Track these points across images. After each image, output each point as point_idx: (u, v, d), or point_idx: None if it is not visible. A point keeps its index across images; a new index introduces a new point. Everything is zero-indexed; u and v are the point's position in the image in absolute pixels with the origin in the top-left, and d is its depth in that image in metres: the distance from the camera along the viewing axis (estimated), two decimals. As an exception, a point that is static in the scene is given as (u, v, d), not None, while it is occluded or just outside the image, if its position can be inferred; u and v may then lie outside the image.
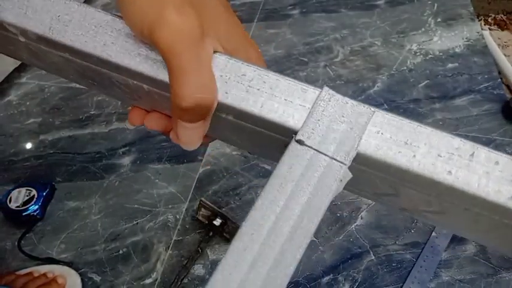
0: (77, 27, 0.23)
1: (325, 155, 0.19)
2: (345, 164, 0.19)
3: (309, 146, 0.20)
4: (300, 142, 0.20)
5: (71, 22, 0.23)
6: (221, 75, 0.21)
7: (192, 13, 0.20)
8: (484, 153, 0.19)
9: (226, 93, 0.21)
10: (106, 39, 0.23)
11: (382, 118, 0.20)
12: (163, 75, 0.21)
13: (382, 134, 0.20)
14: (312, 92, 0.21)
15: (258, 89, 0.21)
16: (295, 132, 0.20)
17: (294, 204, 0.19)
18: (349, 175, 0.20)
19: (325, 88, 0.21)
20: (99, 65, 0.23)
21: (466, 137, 0.19)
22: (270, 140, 0.22)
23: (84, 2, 1.01)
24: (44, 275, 0.62)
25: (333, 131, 0.20)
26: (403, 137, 0.19)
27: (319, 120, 0.20)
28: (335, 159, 0.19)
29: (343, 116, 0.20)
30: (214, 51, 0.22)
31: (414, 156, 0.19)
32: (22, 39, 0.24)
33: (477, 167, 0.18)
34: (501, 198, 0.18)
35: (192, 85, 0.20)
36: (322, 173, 0.19)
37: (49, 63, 0.27)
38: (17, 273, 0.63)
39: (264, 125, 0.21)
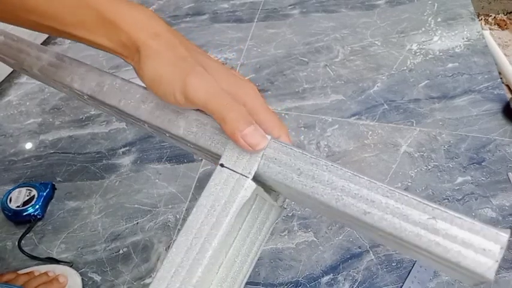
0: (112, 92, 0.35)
1: (236, 172, 0.28)
2: (248, 177, 0.28)
3: (227, 167, 0.29)
4: (221, 165, 0.29)
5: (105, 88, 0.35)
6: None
7: (204, 72, 0.28)
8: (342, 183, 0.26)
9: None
10: (129, 97, 0.34)
11: (276, 144, 0.28)
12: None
13: (276, 159, 0.28)
14: None
15: (203, 125, 0.31)
16: (220, 156, 0.29)
17: (216, 205, 0.28)
18: (253, 185, 0.28)
19: None
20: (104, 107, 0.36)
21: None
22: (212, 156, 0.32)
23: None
24: (45, 273, 0.62)
25: (243, 156, 0.29)
26: (291, 162, 0.27)
27: (232, 148, 0.29)
28: (242, 175, 0.28)
29: None
30: None
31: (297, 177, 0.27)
32: (85, 97, 0.37)
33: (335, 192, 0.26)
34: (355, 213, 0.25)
35: (234, 112, 0.28)
36: (234, 183, 0.28)
37: (104, 110, 0.39)
38: (18, 272, 0.63)
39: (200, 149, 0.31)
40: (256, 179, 0.29)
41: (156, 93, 0.29)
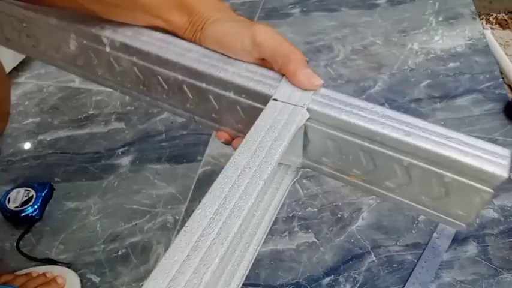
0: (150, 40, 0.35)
1: (291, 104, 0.30)
2: (303, 107, 0.30)
3: (281, 101, 0.30)
4: (275, 100, 0.31)
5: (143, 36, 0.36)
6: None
7: (260, 23, 0.34)
8: (390, 112, 0.29)
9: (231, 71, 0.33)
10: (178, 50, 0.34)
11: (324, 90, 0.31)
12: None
13: (325, 95, 0.31)
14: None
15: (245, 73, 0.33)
16: (271, 96, 0.31)
17: (276, 125, 0.29)
18: (307, 114, 0.30)
19: None
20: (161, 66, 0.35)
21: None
22: (249, 108, 0.33)
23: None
24: (43, 274, 0.62)
25: (296, 93, 0.31)
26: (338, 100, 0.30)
27: (285, 87, 0.31)
28: (298, 105, 0.30)
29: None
30: None
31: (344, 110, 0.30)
32: (108, 49, 0.36)
33: (382, 119, 0.29)
34: (398, 135, 0.28)
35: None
36: (290, 111, 0.30)
37: (117, 72, 0.38)
38: (16, 273, 0.62)
39: (248, 93, 0.32)
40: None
41: (222, 45, 0.33)
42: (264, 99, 0.31)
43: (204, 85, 0.34)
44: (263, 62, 0.33)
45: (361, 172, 0.32)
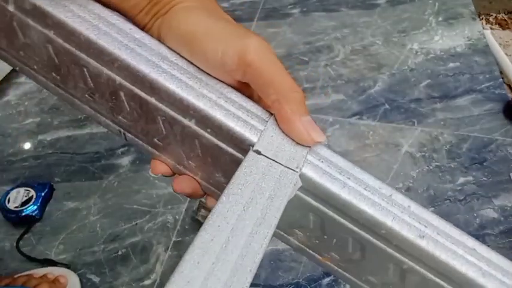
0: (79, 11, 0.23)
1: (280, 164, 0.22)
2: (296, 172, 0.22)
3: (266, 156, 0.22)
4: (258, 152, 0.22)
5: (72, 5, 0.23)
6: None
7: (254, 33, 0.23)
8: (400, 197, 0.23)
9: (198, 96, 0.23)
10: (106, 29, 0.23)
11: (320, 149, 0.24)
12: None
13: (325, 158, 0.23)
14: (266, 112, 0.24)
15: (224, 104, 0.23)
16: (252, 144, 0.22)
17: (259, 197, 0.21)
18: (300, 183, 0.22)
19: None
20: (83, 51, 0.24)
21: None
22: (222, 154, 0.24)
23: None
24: (45, 275, 0.62)
25: (285, 147, 0.23)
26: (336, 168, 0.23)
27: (271, 136, 0.23)
28: (289, 168, 0.22)
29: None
30: None
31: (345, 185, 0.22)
32: (11, 8, 0.24)
33: (392, 208, 0.22)
34: (410, 235, 0.21)
35: (292, 80, 0.23)
36: (279, 176, 0.22)
37: (21, 44, 0.26)
38: (16, 276, 0.62)
39: (223, 134, 0.23)
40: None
41: (191, 49, 0.23)
42: (240, 143, 0.23)
43: (153, 100, 0.23)
44: (242, 86, 0.24)
45: (341, 258, 0.25)
